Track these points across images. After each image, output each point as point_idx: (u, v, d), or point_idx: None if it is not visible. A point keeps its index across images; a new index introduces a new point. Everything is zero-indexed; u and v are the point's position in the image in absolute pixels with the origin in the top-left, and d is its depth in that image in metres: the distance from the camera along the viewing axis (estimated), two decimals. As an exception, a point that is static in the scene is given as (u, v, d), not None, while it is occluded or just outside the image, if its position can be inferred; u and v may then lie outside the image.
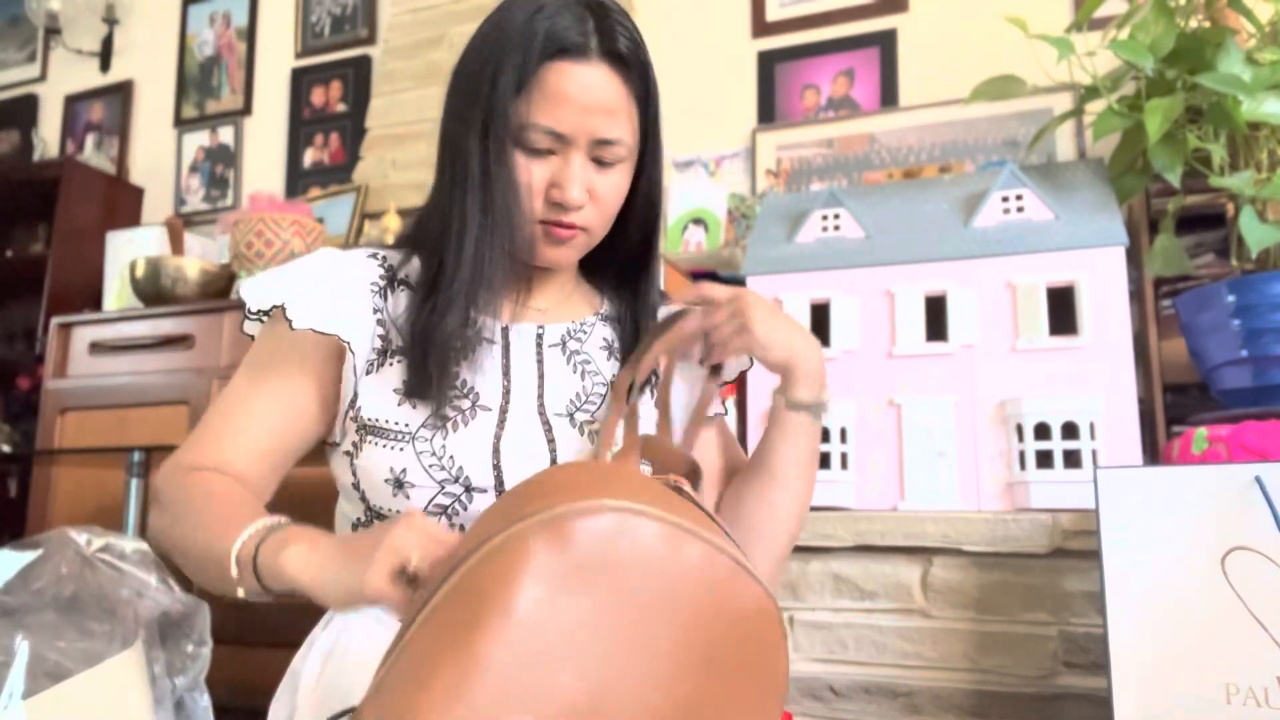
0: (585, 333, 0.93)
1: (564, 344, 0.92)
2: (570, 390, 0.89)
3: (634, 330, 0.95)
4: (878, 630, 1.33)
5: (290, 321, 0.81)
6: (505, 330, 0.90)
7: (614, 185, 0.86)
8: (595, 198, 0.85)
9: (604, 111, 0.82)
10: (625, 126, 0.84)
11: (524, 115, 0.82)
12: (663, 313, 0.97)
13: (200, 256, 2.78)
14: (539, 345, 0.91)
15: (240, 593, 0.71)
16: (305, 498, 1.00)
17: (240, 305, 2.36)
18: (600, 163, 0.84)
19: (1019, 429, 1.34)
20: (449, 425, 0.83)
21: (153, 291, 2.48)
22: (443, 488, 0.81)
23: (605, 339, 0.94)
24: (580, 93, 0.81)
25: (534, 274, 0.92)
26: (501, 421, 0.85)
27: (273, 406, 0.86)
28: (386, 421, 0.83)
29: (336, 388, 0.87)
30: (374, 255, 0.91)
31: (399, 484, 0.82)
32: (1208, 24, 1.43)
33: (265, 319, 0.89)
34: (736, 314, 0.87)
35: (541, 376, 0.89)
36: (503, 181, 0.83)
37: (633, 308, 0.96)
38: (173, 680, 0.87)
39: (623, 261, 0.95)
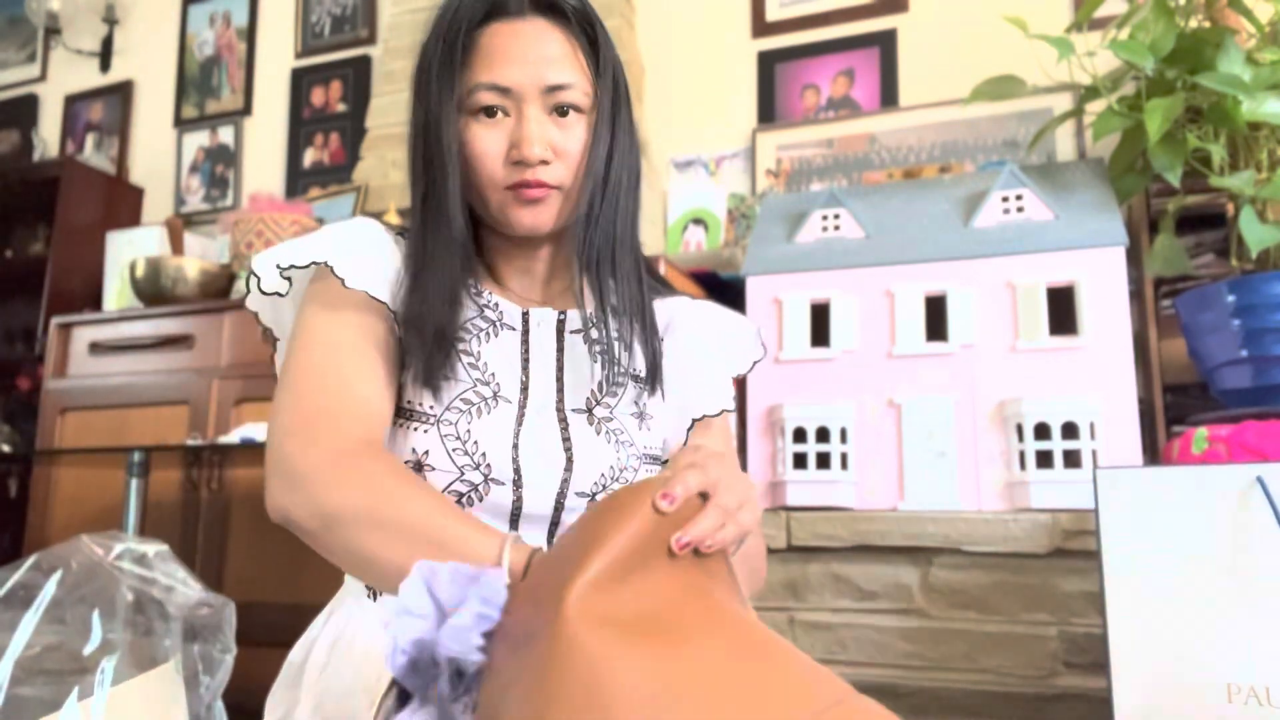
0: (605, 320, 0.89)
1: (586, 330, 0.88)
2: (592, 380, 0.88)
3: (624, 320, 0.89)
4: (878, 630, 1.33)
5: (342, 280, 0.78)
6: (525, 316, 0.88)
7: (577, 138, 0.83)
8: (560, 153, 0.83)
9: (548, 59, 0.81)
10: (577, 72, 0.83)
11: (469, 81, 0.82)
12: (660, 305, 0.94)
13: (200, 256, 2.78)
14: (560, 332, 0.89)
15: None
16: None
17: (241, 305, 2.35)
18: (558, 113, 0.83)
19: (1019, 429, 1.34)
20: (473, 410, 0.82)
21: (153, 291, 2.48)
22: (462, 473, 0.80)
23: (615, 330, 0.89)
24: (521, 47, 0.81)
25: (549, 258, 0.90)
26: (520, 418, 0.84)
27: (376, 368, 0.81)
28: (411, 403, 0.83)
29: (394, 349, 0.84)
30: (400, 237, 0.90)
31: (419, 466, 0.81)
32: (1208, 24, 1.43)
33: (280, 289, 0.83)
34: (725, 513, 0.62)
35: (561, 368, 0.88)
36: (467, 154, 0.83)
37: (614, 297, 0.88)
38: (199, 692, 0.86)
39: (601, 243, 0.88)
